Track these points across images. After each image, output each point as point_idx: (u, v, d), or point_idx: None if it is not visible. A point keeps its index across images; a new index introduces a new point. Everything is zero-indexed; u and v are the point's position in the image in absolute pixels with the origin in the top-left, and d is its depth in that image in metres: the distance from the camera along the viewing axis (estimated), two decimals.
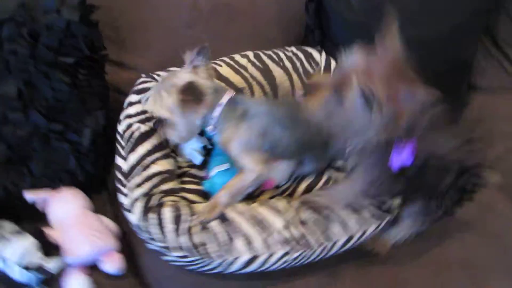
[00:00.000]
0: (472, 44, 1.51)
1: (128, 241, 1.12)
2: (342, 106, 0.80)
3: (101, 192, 1.24)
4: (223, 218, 0.99)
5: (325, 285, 1.07)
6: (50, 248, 1.03)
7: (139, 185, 1.01)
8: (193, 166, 1.19)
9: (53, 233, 1.07)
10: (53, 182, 1.11)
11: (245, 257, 0.96)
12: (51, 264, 0.99)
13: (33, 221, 1.08)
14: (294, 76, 1.27)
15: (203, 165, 1.18)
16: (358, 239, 1.03)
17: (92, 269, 1.04)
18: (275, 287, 1.06)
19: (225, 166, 1.10)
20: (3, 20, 0.92)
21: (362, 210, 1.02)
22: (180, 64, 1.03)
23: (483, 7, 1.42)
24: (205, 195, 1.13)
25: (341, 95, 0.80)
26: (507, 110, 1.65)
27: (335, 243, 1.01)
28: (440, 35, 1.37)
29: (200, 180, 1.16)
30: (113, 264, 1.07)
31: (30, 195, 1.07)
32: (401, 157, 0.85)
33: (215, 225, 0.98)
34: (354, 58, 0.81)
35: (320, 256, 1.03)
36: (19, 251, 0.97)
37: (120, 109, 1.13)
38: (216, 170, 1.09)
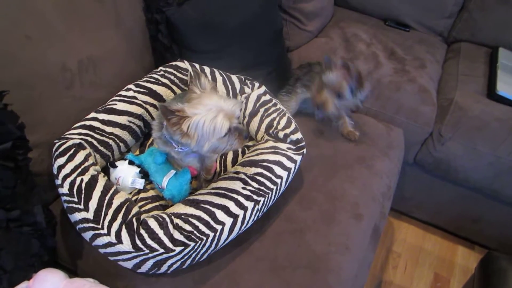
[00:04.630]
0: (277, 16, 1.93)
1: None
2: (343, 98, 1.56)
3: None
4: (196, 205, 1.16)
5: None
6: None
7: (113, 220, 1.11)
8: (137, 193, 1.33)
9: None
10: (26, 271, 1.10)
11: (229, 222, 1.16)
12: None
13: None
14: (174, 87, 1.50)
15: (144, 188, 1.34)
16: (294, 170, 1.33)
17: None
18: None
19: (172, 173, 1.26)
20: None
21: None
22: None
23: None
24: (163, 208, 1.28)
25: (341, 95, 1.55)
26: (314, 55, 2.13)
27: (281, 182, 1.28)
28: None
29: (150, 200, 1.31)
30: None
31: None
32: None
33: (193, 211, 1.15)
34: (330, 75, 1.52)
35: (274, 198, 1.29)
36: None
37: None
38: (166, 179, 1.25)
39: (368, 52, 2.18)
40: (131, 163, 1.32)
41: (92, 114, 1.36)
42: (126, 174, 1.30)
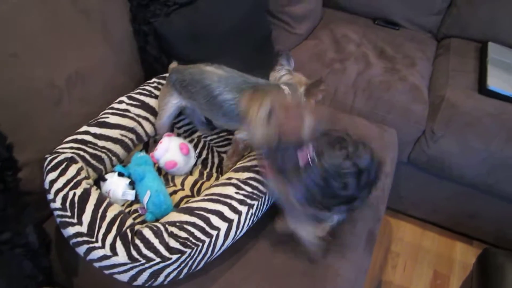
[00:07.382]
0: (266, 21, 1.93)
1: None
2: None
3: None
4: (190, 212, 1.16)
5: None
6: None
7: (107, 232, 1.10)
8: (130, 205, 1.33)
9: None
10: None
11: (224, 227, 1.16)
12: None
13: None
14: None
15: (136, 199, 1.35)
16: None
17: None
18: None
19: (148, 194, 1.27)
20: None
21: None
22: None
23: None
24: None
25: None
26: (305, 57, 2.13)
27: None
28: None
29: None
30: None
31: None
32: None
33: (188, 218, 1.15)
34: None
35: (268, 203, 1.29)
36: None
37: None
38: (145, 201, 1.27)
39: (358, 53, 2.18)
40: (120, 174, 1.32)
41: (84, 128, 1.36)
42: (116, 186, 1.30)
